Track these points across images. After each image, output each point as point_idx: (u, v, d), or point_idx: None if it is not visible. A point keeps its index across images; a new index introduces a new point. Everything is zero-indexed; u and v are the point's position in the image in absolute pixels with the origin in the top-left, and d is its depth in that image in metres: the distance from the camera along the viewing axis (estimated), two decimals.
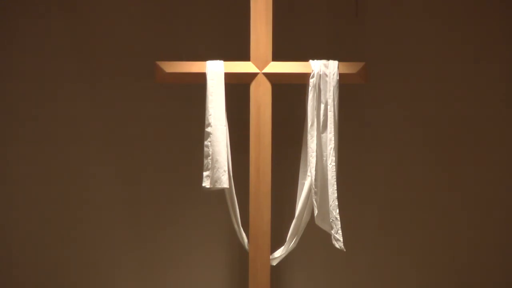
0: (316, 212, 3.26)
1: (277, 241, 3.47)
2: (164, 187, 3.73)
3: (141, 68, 3.65)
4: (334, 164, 3.25)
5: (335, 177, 3.25)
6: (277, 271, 3.71)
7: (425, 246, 3.81)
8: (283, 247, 3.41)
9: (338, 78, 3.27)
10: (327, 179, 3.25)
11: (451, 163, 3.78)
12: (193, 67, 3.26)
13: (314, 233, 3.47)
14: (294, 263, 3.77)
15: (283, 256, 3.43)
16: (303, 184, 3.37)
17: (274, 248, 3.41)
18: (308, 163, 3.30)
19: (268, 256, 3.31)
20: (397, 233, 3.80)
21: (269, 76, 3.27)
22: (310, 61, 3.29)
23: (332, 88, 3.25)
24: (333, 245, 3.25)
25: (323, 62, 3.28)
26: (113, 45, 3.68)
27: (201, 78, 3.25)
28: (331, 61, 3.28)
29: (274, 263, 3.43)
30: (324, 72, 3.26)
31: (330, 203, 3.23)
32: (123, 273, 3.75)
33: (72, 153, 3.70)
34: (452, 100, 3.77)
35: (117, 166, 3.72)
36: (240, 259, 3.73)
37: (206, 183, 3.20)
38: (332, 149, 3.24)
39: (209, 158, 3.20)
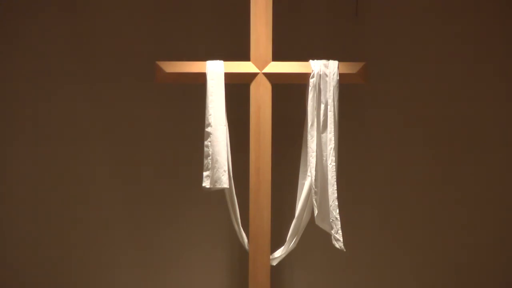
0: (316, 212, 3.26)
1: (277, 241, 3.47)
2: (164, 187, 3.73)
3: (141, 68, 3.65)
4: (334, 164, 3.25)
5: (335, 177, 3.25)
6: (277, 271, 3.71)
7: (425, 246, 3.81)
8: (283, 247, 3.41)
9: (338, 78, 3.27)
10: (327, 179, 3.25)
11: (451, 163, 3.79)
12: (193, 67, 3.26)
13: (314, 233, 3.47)
14: (294, 263, 3.77)
15: (283, 256, 3.43)
16: (303, 184, 3.37)
17: (274, 248, 3.41)
18: (308, 163, 3.30)
19: (268, 256, 3.31)
20: (397, 233, 3.80)
21: (269, 76, 3.27)
22: (310, 61, 3.29)
23: (332, 88, 3.25)
24: (333, 245, 3.25)
25: (323, 62, 3.28)
26: (113, 45, 3.68)
27: (201, 78, 3.25)
28: (331, 61, 3.28)
29: (274, 263, 3.43)
30: (324, 72, 3.26)
31: (330, 203, 3.23)
32: (123, 273, 3.75)
33: (72, 153, 3.70)
34: (452, 100, 3.77)
35: (117, 166, 3.72)
36: (240, 259, 3.73)
37: (206, 183, 3.20)
38: (332, 149, 3.24)
39: (209, 158, 3.20)
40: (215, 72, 3.23)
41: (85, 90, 3.69)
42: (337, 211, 3.23)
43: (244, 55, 3.33)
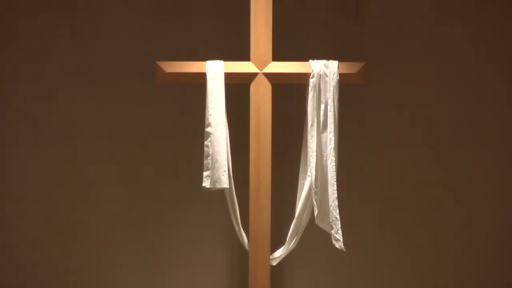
0: (316, 212, 3.26)
1: (277, 241, 3.47)
2: (164, 187, 3.73)
3: (141, 68, 3.65)
4: (334, 164, 3.25)
5: (335, 177, 3.25)
6: (277, 271, 3.71)
7: (425, 246, 3.81)
8: (283, 247, 3.41)
9: (338, 78, 3.27)
10: (327, 179, 3.25)
11: (451, 163, 3.79)
12: (193, 67, 3.26)
13: (314, 233, 3.47)
14: (294, 263, 3.77)
15: (283, 256, 3.43)
16: (303, 184, 3.37)
17: (274, 248, 3.41)
18: (308, 163, 3.30)
19: (268, 256, 3.31)
20: (397, 233, 3.80)
21: (269, 76, 3.27)
22: (310, 61, 3.29)
23: (332, 88, 3.25)
24: (333, 245, 3.25)
25: (323, 62, 3.28)
26: (113, 45, 3.68)
27: (201, 78, 3.25)
28: (331, 61, 3.28)
29: (274, 263, 3.43)
30: (324, 72, 3.26)
31: (330, 203, 3.23)
32: (123, 273, 3.75)
33: (72, 153, 3.70)
34: (452, 100, 3.77)
35: (117, 166, 3.72)
36: (240, 259, 3.73)
37: (206, 183, 3.20)
38: (332, 149, 3.24)
39: (209, 158, 3.20)
40: (215, 72, 3.23)
41: (85, 90, 3.69)
42: (337, 211, 3.23)
43: (244, 55, 3.33)
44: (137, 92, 3.69)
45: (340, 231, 3.23)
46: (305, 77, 3.28)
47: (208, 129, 3.21)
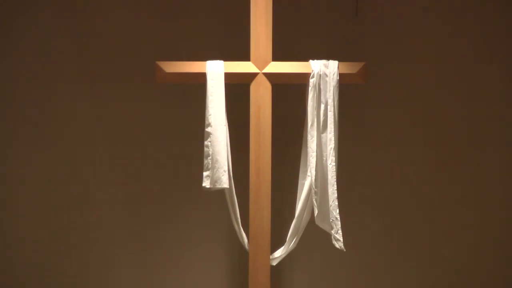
0: (316, 212, 3.26)
1: (277, 241, 3.47)
2: (164, 187, 3.73)
3: (141, 68, 3.65)
4: (334, 164, 3.25)
5: (335, 177, 3.25)
6: (277, 271, 3.71)
7: (425, 246, 3.81)
8: (283, 247, 3.41)
9: (338, 78, 3.26)
10: (327, 179, 3.25)
11: (451, 163, 3.79)
12: (193, 67, 3.26)
13: (314, 233, 3.47)
14: (294, 263, 3.77)
15: (283, 256, 3.43)
16: (303, 184, 3.37)
17: (274, 248, 3.41)
18: (308, 163, 3.30)
19: (268, 256, 3.31)
20: (397, 233, 3.80)
21: (269, 76, 3.27)
22: (310, 61, 3.29)
23: (332, 88, 3.25)
24: (333, 245, 3.25)
25: (323, 62, 3.28)
26: (113, 45, 3.68)
27: (201, 78, 3.25)
28: (331, 61, 3.28)
29: (274, 263, 3.43)
30: (324, 72, 3.26)
31: (330, 203, 3.23)
32: (123, 273, 3.75)
33: (72, 153, 3.70)
34: (452, 100, 3.77)
35: (117, 166, 3.72)
36: (240, 259, 3.73)
37: (206, 183, 3.20)
38: (332, 149, 3.24)
39: (209, 158, 3.20)
40: (215, 72, 3.23)
41: (85, 90, 3.69)
42: (337, 211, 3.23)
43: (244, 55, 3.33)
44: (137, 92, 3.69)
45: (340, 231, 3.23)
46: (305, 77, 3.28)
47: (208, 129, 3.21)
